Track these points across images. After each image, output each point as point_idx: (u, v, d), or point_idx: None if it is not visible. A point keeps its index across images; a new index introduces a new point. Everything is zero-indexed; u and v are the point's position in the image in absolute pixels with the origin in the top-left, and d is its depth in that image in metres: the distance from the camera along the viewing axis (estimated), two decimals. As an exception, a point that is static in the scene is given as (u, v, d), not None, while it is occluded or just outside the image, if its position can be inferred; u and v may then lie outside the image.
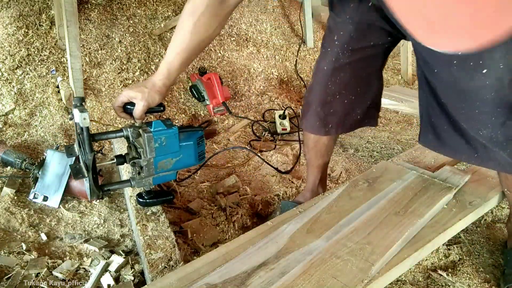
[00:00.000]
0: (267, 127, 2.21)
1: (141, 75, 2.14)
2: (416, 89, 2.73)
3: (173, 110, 2.14)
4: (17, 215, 1.34)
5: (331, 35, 1.17)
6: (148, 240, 1.15)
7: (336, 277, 0.91)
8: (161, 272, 1.06)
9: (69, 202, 1.46)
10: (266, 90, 2.53)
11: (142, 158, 1.13)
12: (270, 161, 1.88)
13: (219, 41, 2.54)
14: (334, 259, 0.97)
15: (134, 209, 1.27)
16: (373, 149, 2.10)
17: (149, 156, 1.12)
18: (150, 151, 1.12)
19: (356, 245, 1.02)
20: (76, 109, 1.04)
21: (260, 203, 1.56)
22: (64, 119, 1.81)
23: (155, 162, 1.15)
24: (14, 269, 1.12)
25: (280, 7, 3.01)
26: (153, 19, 2.36)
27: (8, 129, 1.71)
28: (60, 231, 1.34)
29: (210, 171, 1.78)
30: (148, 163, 1.14)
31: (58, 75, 1.93)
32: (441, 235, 1.11)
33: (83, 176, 1.09)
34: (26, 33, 1.94)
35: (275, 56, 2.74)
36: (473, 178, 1.39)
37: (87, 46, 2.07)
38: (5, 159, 1.53)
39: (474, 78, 0.89)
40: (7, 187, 1.42)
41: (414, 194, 1.24)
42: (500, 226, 1.46)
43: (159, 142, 1.12)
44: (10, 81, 1.82)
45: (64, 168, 1.44)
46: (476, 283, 1.20)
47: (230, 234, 1.39)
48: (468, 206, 1.24)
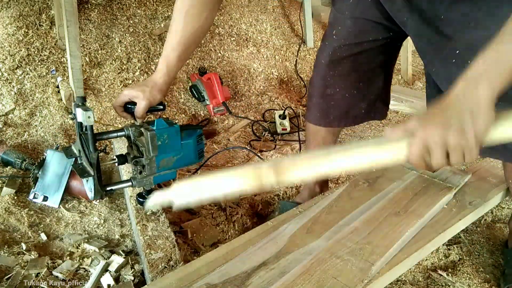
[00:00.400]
0: (267, 127, 2.21)
1: (141, 75, 2.14)
2: (416, 89, 2.73)
3: (173, 110, 2.14)
4: (17, 215, 1.34)
5: (330, 30, 1.20)
6: (148, 240, 1.15)
7: (336, 277, 0.91)
8: (161, 272, 1.06)
9: (69, 202, 1.46)
10: (266, 90, 2.53)
11: (144, 157, 1.13)
12: (270, 161, 1.88)
13: (219, 41, 2.54)
14: (334, 259, 0.97)
15: (134, 209, 1.27)
16: (373, 149, 2.09)
17: (152, 154, 1.13)
18: (153, 149, 1.12)
19: (356, 245, 1.02)
20: (79, 108, 1.04)
21: (260, 203, 1.56)
22: (64, 119, 1.81)
23: (157, 160, 1.15)
24: (14, 269, 1.12)
25: (280, 7, 3.00)
26: (153, 19, 2.36)
27: (8, 129, 1.71)
28: (60, 231, 1.34)
29: (210, 171, 1.78)
30: (150, 161, 1.15)
31: (58, 75, 1.93)
32: (441, 235, 1.11)
33: (89, 175, 1.08)
34: (26, 33, 1.94)
35: (275, 56, 2.74)
36: (473, 178, 1.39)
37: (87, 46, 2.07)
38: (5, 159, 1.53)
39: None
40: (7, 187, 1.42)
41: (414, 194, 1.24)
42: (500, 226, 1.46)
43: (161, 140, 1.13)
44: (10, 81, 1.82)
45: (64, 168, 1.44)
46: (476, 283, 1.20)
47: (230, 234, 1.39)
48: (468, 206, 1.24)
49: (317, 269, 0.94)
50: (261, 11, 2.85)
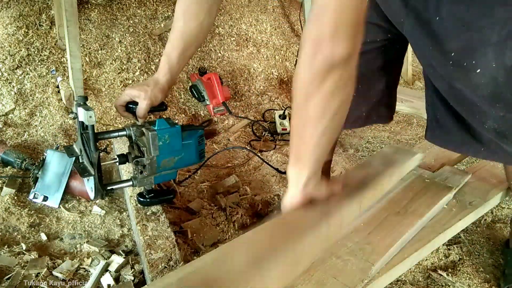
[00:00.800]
0: (267, 127, 2.21)
1: (141, 75, 2.14)
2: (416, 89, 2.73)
3: (173, 110, 2.14)
4: (17, 215, 1.34)
5: None
6: (148, 240, 1.15)
7: (336, 277, 0.91)
8: (161, 272, 1.06)
9: (69, 202, 1.46)
10: (266, 90, 2.53)
11: (146, 157, 1.13)
12: (270, 161, 1.88)
13: (219, 41, 2.54)
14: (334, 259, 0.97)
15: (134, 209, 1.27)
16: (373, 149, 2.10)
17: (153, 155, 1.13)
18: (154, 149, 1.12)
19: (356, 245, 1.02)
20: (80, 108, 1.04)
21: (260, 203, 1.56)
22: (64, 119, 1.81)
23: (158, 160, 1.15)
24: (14, 269, 1.12)
25: (280, 7, 3.00)
26: (153, 19, 2.36)
27: (8, 129, 1.71)
28: (60, 231, 1.34)
29: (210, 171, 1.78)
30: (151, 161, 1.15)
31: (58, 75, 1.93)
32: (441, 235, 1.11)
33: (89, 174, 1.09)
34: (26, 33, 1.94)
35: (275, 56, 2.74)
36: (473, 179, 1.39)
37: (87, 46, 2.07)
38: (5, 159, 1.53)
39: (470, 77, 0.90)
40: (7, 187, 1.42)
41: (414, 194, 1.24)
42: (500, 226, 1.46)
43: (163, 140, 1.13)
44: (10, 81, 1.82)
45: (64, 168, 1.44)
46: (476, 283, 1.20)
47: (230, 234, 1.39)
48: (468, 206, 1.24)
49: (317, 269, 0.94)
50: (261, 11, 2.85)
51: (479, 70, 0.89)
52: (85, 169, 1.10)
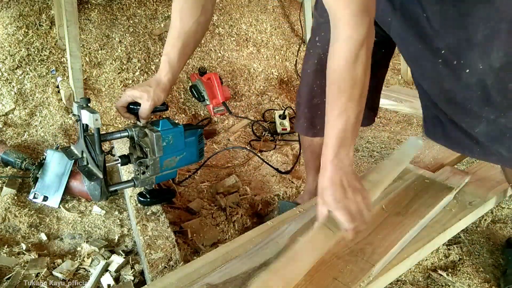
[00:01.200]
0: (267, 127, 2.21)
1: (141, 75, 2.14)
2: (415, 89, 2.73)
3: (173, 110, 2.14)
4: (17, 215, 1.34)
5: (314, 37, 1.17)
6: (148, 240, 1.15)
7: (337, 278, 0.91)
8: (161, 272, 1.06)
9: (69, 202, 1.46)
10: (266, 90, 2.53)
11: (149, 157, 1.13)
12: (270, 161, 1.88)
13: (219, 41, 2.54)
14: (334, 260, 0.97)
15: (134, 209, 1.27)
16: (373, 149, 2.10)
17: (157, 155, 1.13)
18: (159, 150, 1.12)
19: (357, 245, 1.02)
20: (84, 110, 1.03)
21: (260, 203, 1.56)
22: (64, 119, 1.81)
23: (161, 161, 1.15)
24: (14, 269, 1.12)
25: (280, 7, 3.00)
26: (153, 19, 2.36)
27: (8, 129, 1.71)
28: (60, 231, 1.34)
29: (210, 171, 1.78)
30: (154, 162, 1.14)
31: (58, 75, 1.93)
32: (441, 235, 1.11)
33: (97, 178, 1.07)
34: (26, 33, 1.94)
35: (275, 56, 2.74)
36: (473, 179, 1.38)
37: (87, 46, 2.06)
38: (5, 159, 1.53)
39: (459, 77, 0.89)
40: (7, 187, 1.42)
41: (414, 194, 1.24)
42: (500, 226, 1.46)
43: (166, 141, 1.13)
44: (10, 81, 1.82)
45: (64, 168, 1.44)
46: (476, 283, 1.20)
47: (230, 234, 1.39)
48: (468, 206, 1.24)
49: (318, 270, 0.93)
50: (261, 11, 2.85)
51: (468, 70, 0.88)
52: (91, 172, 1.09)
